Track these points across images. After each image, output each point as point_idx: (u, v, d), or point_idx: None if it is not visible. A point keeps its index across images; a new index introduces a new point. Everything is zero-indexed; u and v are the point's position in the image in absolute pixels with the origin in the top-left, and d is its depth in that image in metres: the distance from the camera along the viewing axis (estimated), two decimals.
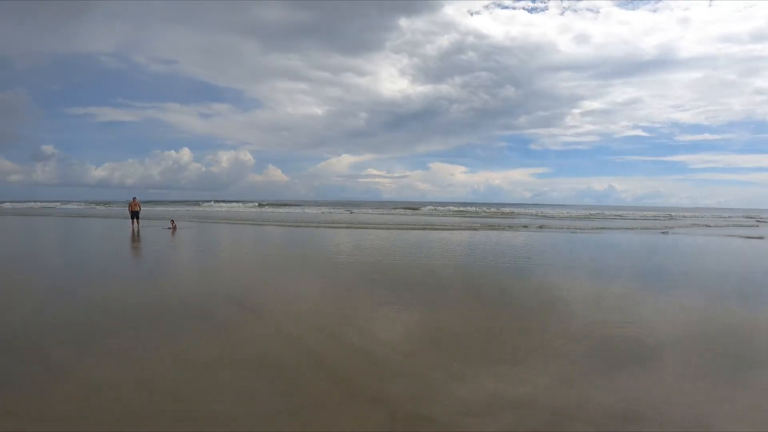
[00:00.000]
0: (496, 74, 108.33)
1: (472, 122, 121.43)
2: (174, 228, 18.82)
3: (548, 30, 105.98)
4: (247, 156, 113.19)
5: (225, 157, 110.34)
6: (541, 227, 22.67)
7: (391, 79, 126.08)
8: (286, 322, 5.00)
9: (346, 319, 5.24)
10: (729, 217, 43.61)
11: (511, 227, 22.90)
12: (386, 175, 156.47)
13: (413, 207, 51.62)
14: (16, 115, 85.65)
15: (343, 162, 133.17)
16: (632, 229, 23.46)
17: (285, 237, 17.47)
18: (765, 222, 34.12)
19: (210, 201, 61.28)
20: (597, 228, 23.45)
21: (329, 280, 7.88)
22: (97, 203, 59.61)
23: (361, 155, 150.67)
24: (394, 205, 61.54)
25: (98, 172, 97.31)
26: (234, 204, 54.18)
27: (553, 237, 17.49)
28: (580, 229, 22.41)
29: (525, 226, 23.26)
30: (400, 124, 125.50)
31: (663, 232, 21.37)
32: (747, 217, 42.86)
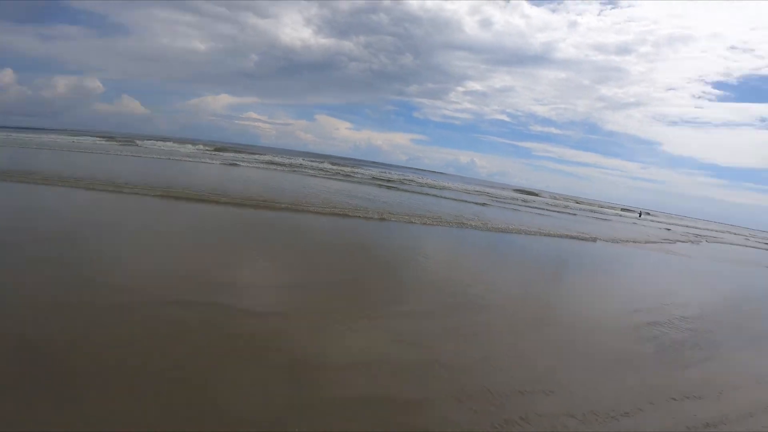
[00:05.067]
0: (401, 41, 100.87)
1: (368, 82, 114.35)
2: None
3: (461, 8, 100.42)
4: (95, 83, 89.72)
5: (63, 83, 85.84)
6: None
7: (293, 26, 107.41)
8: None
9: None
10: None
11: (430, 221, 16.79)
12: (267, 121, 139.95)
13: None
14: None
15: (220, 101, 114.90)
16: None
17: None
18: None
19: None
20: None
21: None
22: None
23: (242, 97, 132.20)
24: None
25: None
26: (53, 134, 40.02)
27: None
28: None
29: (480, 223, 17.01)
30: (293, 72, 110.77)
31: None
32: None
